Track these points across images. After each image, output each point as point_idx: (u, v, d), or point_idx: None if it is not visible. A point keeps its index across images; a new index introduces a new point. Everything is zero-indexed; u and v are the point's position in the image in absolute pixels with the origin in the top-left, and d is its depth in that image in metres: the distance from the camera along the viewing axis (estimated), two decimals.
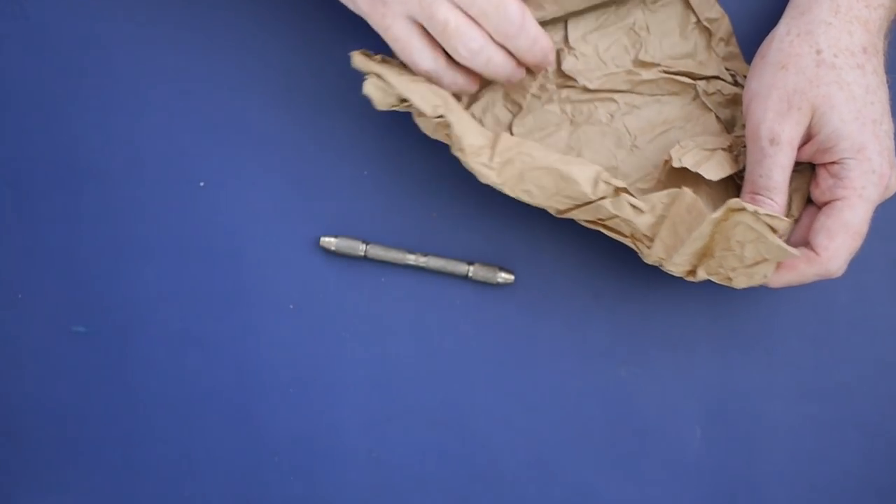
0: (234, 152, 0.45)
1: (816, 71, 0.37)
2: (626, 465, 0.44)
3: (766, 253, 0.36)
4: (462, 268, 0.44)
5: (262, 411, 0.44)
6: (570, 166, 0.37)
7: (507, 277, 0.44)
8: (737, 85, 0.43)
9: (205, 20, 0.45)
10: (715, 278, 0.38)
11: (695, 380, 0.44)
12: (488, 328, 0.44)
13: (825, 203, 0.38)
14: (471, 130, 0.38)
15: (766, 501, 0.44)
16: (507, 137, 0.38)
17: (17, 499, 0.45)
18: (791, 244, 0.39)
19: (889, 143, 0.38)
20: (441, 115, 0.37)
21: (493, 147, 0.38)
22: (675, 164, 0.40)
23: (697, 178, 0.40)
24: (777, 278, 0.38)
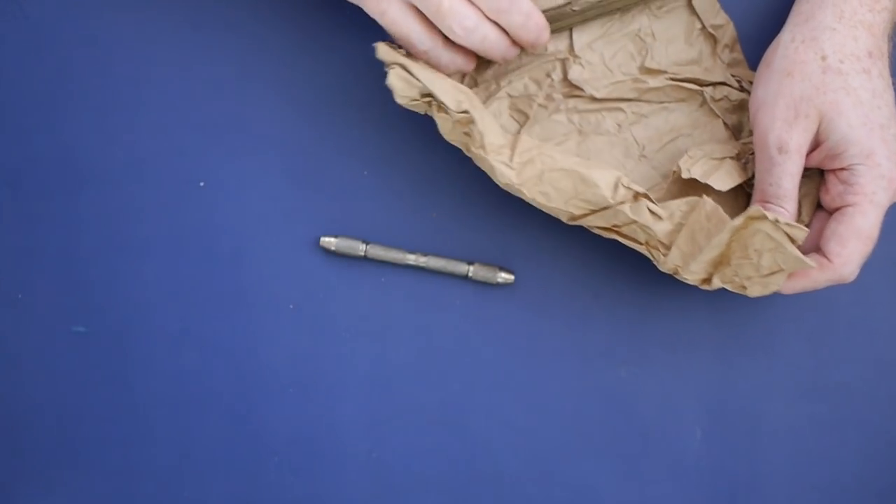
0: (234, 152, 0.45)
1: (822, 77, 0.37)
2: (626, 465, 0.44)
3: (782, 263, 0.35)
4: (462, 268, 0.44)
5: (261, 411, 0.44)
6: (590, 170, 0.37)
7: (507, 277, 0.44)
8: (743, 90, 0.43)
9: (205, 20, 0.45)
10: (730, 286, 0.37)
11: (695, 380, 0.44)
12: (488, 328, 0.44)
13: (836, 209, 0.38)
14: (492, 129, 0.38)
15: (766, 501, 0.44)
16: (527, 139, 0.38)
17: (17, 499, 0.45)
18: (802, 250, 0.39)
19: None
20: (465, 111, 0.37)
21: (513, 147, 0.38)
22: (684, 174, 0.39)
23: (706, 187, 0.40)
24: (790, 285, 0.38)
